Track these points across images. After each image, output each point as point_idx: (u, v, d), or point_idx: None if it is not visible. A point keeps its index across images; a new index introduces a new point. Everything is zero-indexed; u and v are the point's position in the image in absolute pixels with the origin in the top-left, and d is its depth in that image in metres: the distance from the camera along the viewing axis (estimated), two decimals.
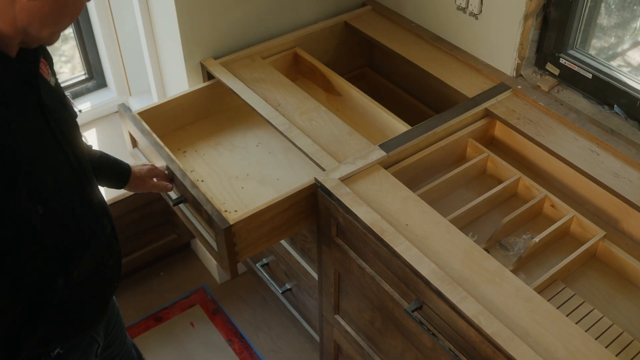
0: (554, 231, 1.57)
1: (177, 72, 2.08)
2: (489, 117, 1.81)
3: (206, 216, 1.57)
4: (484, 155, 1.76)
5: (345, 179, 1.58)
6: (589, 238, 1.57)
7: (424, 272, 1.36)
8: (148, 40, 2.11)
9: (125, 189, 1.63)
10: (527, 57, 1.89)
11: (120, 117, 1.89)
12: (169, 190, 1.68)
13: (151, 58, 2.16)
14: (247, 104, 1.85)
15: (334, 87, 2.01)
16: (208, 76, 2.02)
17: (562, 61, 1.83)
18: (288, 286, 2.13)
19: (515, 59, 1.88)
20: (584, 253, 1.53)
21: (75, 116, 1.27)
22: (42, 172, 1.12)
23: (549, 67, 1.87)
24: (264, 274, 2.20)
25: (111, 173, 1.58)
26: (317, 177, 1.58)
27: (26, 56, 1.09)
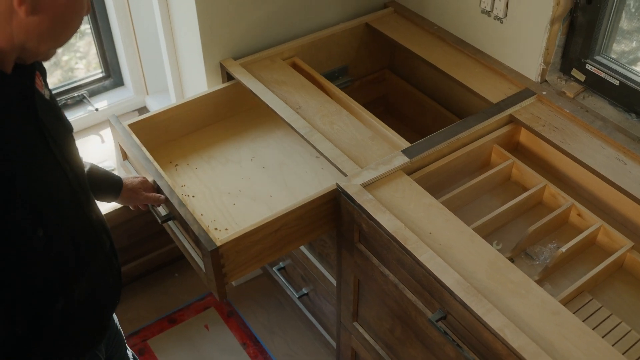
0: (581, 241, 1.53)
1: (196, 72, 2.06)
2: (514, 124, 1.78)
3: (193, 236, 1.51)
4: (510, 161, 1.73)
5: (367, 185, 1.55)
6: (617, 249, 1.54)
7: (448, 283, 1.33)
8: (167, 39, 2.09)
9: (116, 202, 1.59)
10: (553, 63, 1.86)
11: (110, 129, 1.84)
12: (162, 202, 1.62)
13: (170, 57, 2.14)
14: (267, 106, 1.82)
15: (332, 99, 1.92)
16: (227, 77, 1.99)
17: (589, 67, 1.79)
18: (305, 291, 2.10)
19: (540, 64, 1.85)
20: (612, 264, 1.50)
21: (70, 130, 1.23)
22: (41, 192, 1.08)
23: (575, 73, 1.84)
24: (281, 278, 2.18)
25: (103, 186, 1.53)
26: (339, 183, 1.56)
27: (21, 72, 1.05)
